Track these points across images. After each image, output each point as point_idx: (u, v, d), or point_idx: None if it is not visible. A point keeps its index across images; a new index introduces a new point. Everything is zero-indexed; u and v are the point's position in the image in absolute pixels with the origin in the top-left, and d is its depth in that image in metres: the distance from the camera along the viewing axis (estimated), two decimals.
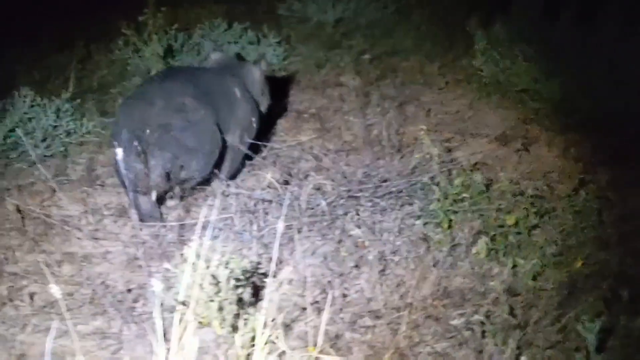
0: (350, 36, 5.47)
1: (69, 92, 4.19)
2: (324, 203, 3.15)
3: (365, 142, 3.80)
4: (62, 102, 4.03)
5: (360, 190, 3.26)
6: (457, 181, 3.22)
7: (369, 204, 3.25)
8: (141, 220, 3.26)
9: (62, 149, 3.90)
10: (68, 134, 3.97)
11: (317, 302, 2.70)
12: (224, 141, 3.43)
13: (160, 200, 3.34)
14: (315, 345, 2.36)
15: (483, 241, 2.98)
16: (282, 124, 4.25)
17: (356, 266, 2.96)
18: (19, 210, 3.35)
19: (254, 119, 3.67)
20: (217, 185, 3.43)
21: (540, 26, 4.69)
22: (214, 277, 2.42)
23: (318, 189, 3.26)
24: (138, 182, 3.16)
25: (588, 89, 4.33)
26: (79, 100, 4.20)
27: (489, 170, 3.62)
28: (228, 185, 3.41)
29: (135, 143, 3.10)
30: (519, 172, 3.68)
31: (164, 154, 3.15)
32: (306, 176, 3.47)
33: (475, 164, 3.59)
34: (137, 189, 3.18)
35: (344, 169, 3.55)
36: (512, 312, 2.59)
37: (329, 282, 2.86)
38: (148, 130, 3.13)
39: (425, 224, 3.16)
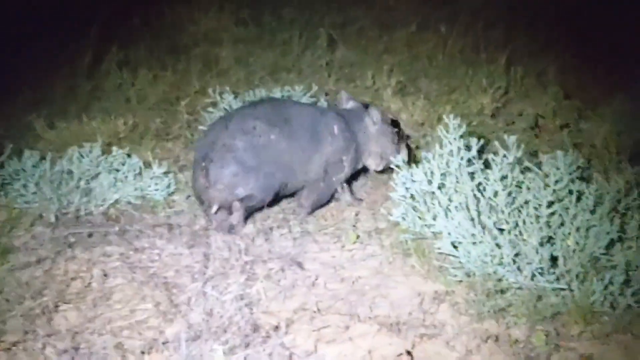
0: None
1: None
2: None
3: None
4: None
5: None
6: None
7: None
8: (216, 229, 3.61)
9: None
10: None
11: None
12: (296, 170, 3.74)
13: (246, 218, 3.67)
14: None
15: None
16: None
17: None
18: None
19: (344, 158, 3.92)
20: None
21: None
22: None
23: None
24: (201, 195, 3.59)
25: None
26: None
27: None
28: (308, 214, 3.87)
29: (202, 161, 3.53)
30: None
31: (223, 170, 3.50)
32: None
33: None
34: (201, 201, 3.62)
35: None
36: None
37: None
38: (213, 150, 3.53)
39: None
